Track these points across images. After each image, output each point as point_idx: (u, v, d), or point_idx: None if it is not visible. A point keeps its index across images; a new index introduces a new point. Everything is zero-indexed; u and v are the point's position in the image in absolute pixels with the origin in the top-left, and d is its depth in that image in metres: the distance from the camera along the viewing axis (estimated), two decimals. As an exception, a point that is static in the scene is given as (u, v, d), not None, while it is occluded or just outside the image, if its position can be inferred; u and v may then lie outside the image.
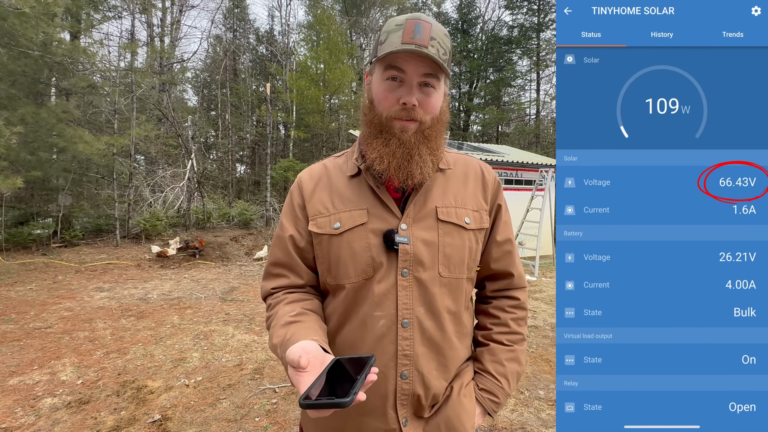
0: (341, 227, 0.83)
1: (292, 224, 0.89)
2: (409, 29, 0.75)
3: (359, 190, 0.86)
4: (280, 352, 0.74)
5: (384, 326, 0.79)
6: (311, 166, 0.96)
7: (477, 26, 26.62)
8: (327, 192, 0.88)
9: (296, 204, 0.90)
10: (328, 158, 0.96)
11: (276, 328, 0.79)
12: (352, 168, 0.88)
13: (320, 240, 0.85)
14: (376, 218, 0.82)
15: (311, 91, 16.24)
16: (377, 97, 0.82)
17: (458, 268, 0.84)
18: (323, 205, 0.86)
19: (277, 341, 0.76)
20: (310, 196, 0.88)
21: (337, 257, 0.83)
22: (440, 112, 0.83)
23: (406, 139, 0.79)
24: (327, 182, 0.89)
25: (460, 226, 0.84)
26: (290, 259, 0.89)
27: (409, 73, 0.77)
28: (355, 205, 0.84)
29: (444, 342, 0.83)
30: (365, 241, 0.81)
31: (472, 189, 0.90)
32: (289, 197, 0.92)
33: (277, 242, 0.91)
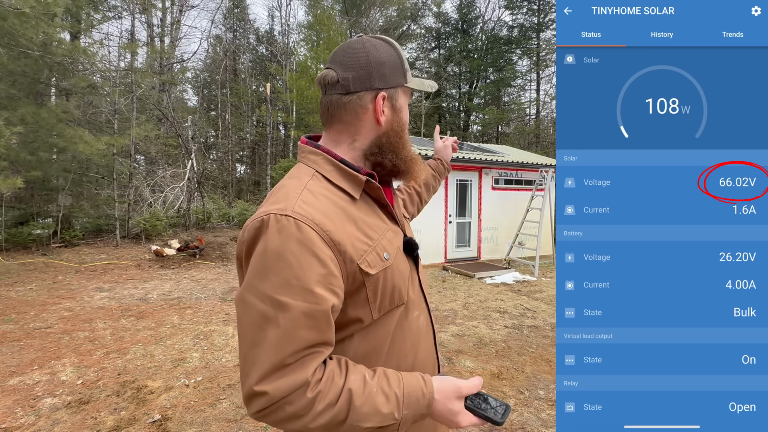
0: (390, 256, 0.77)
1: (328, 290, 0.65)
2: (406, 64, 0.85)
3: (372, 210, 0.82)
4: (401, 413, 0.66)
5: (424, 321, 0.85)
6: (303, 200, 0.70)
7: (477, 26, 26.61)
8: (352, 224, 0.74)
9: (327, 258, 0.66)
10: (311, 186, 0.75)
11: (372, 401, 0.65)
12: (356, 188, 0.78)
13: (377, 278, 0.73)
14: (393, 233, 0.84)
15: (311, 91, 16.25)
16: (405, 124, 0.86)
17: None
18: (361, 241, 0.73)
19: (389, 409, 0.65)
20: (343, 236, 0.70)
21: (391, 286, 0.77)
22: None
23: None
24: (343, 213, 0.74)
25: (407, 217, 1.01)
26: (328, 333, 0.67)
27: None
28: (382, 227, 0.80)
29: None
30: (403, 259, 0.83)
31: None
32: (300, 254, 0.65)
33: (307, 322, 0.63)
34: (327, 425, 0.62)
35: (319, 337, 0.65)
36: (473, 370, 3.30)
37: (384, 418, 0.64)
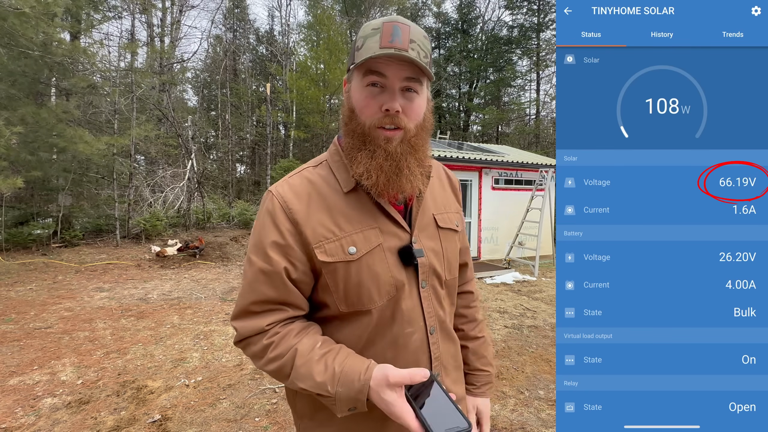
0: (358, 251, 0.75)
1: (282, 255, 0.75)
2: (387, 32, 0.71)
3: (361, 206, 0.78)
4: (334, 388, 0.68)
5: (417, 340, 0.80)
6: (288, 181, 0.81)
7: (477, 26, 26.61)
8: (326, 212, 0.77)
9: (285, 231, 0.75)
10: (305, 170, 0.83)
11: (310, 366, 0.70)
12: (347, 182, 0.79)
13: (333, 268, 0.75)
14: (389, 235, 0.78)
15: (311, 91, 16.25)
16: (358, 105, 0.76)
17: (455, 269, 0.90)
18: (326, 229, 0.76)
19: (324, 378, 0.69)
20: (305, 219, 0.76)
21: (357, 283, 0.76)
22: (424, 118, 0.80)
23: (392, 149, 0.75)
24: (321, 200, 0.78)
25: (453, 230, 0.89)
26: (286, 295, 0.76)
27: (391, 77, 0.73)
28: (365, 224, 0.77)
29: (453, 332, 0.91)
30: (385, 262, 0.77)
31: (449, 193, 0.95)
32: (270, 223, 0.76)
33: (263, 278, 0.75)
34: (276, 372, 0.74)
35: (278, 296, 0.76)
36: (473, 370, 3.30)
37: (317, 385, 0.69)
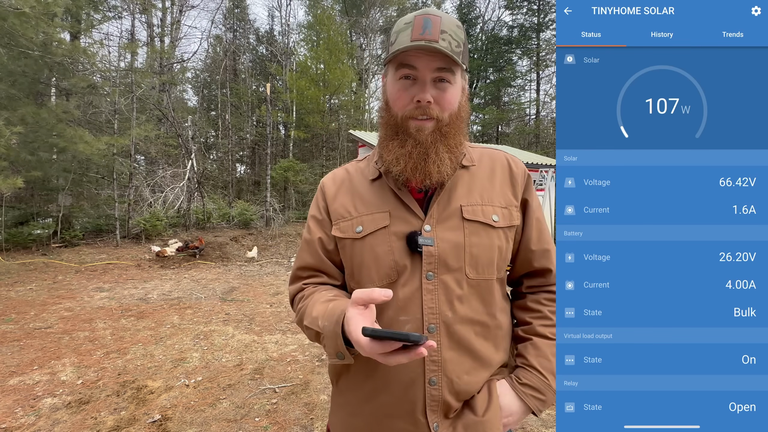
0: (363, 231, 0.82)
1: (319, 227, 0.89)
2: (418, 25, 0.73)
3: (381, 193, 0.85)
4: (323, 322, 0.75)
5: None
6: (334, 171, 0.96)
7: (477, 26, 26.60)
8: (349, 196, 0.88)
9: (321, 207, 0.90)
10: (350, 163, 0.97)
11: (315, 306, 0.79)
12: (373, 172, 0.88)
13: (344, 244, 0.85)
14: (398, 220, 0.81)
15: (311, 91, 16.25)
16: (391, 98, 0.80)
17: (487, 269, 0.80)
18: (345, 209, 0.86)
19: (318, 314, 0.77)
20: (333, 199, 0.89)
21: (360, 261, 0.82)
22: (459, 107, 0.81)
23: (423, 138, 0.77)
24: (349, 186, 0.89)
25: (487, 224, 0.80)
26: (321, 263, 0.88)
27: (422, 69, 0.75)
28: (377, 208, 0.83)
29: (475, 345, 0.79)
30: (388, 245, 0.79)
31: (499, 185, 0.86)
32: (314, 201, 0.93)
33: (306, 246, 0.90)
34: (299, 321, 0.86)
35: (315, 263, 0.89)
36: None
37: (312, 320, 0.78)
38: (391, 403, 0.79)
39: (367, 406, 0.81)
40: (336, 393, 0.90)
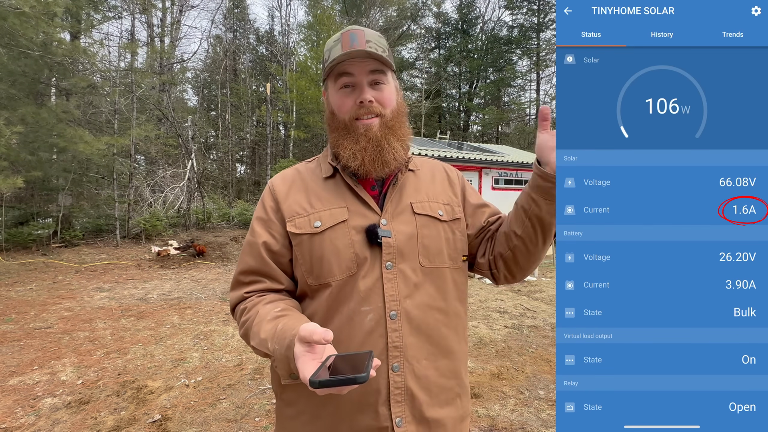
0: (322, 225, 0.84)
1: (264, 229, 0.88)
2: (345, 40, 0.83)
3: (336, 189, 0.89)
4: (272, 345, 0.71)
5: (372, 320, 0.80)
6: (282, 172, 0.97)
7: (477, 26, 26.61)
8: (303, 193, 0.89)
9: (268, 208, 0.89)
10: (299, 164, 0.98)
11: (261, 325, 0.76)
12: (327, 170, 0.91)
13: (300, 240, 0.84)
14: (356, 215, 0.85)
15: (311, 91, 16.25)
16: (336, 106, 0.88)
17: (437, 257, 0.88)
18: (300, 206, 0.87)
19: (266, 335, 0.73)
20: (284, 198, 0.89)
21: (319, 256, 0.83)
22: (397, 104, 0.90)
23: (373, 134, 0.85)
24: (302, 184, 0.91)
25: (434, 217, 0.90)
26: (264, 266, 0.86)
27: (358, 74, 0.84)
28: (334, 203, 0.86)
29: (432, 331, 0.85)
30: (348, 238, 0.83)
31: (440, 186, 0.97)
32: (260, 203, 0.92)
33: (248, 249, 0.88)
34: (244, 336, 0.82)
35: (258, 266, 0.86)
36: (473, 370, 3.30)
37: (261, 342, 0.74)
38: (354, 397, 0.78)
39: (328, 407, 0.80)
40: (283, 406, 0.87)
